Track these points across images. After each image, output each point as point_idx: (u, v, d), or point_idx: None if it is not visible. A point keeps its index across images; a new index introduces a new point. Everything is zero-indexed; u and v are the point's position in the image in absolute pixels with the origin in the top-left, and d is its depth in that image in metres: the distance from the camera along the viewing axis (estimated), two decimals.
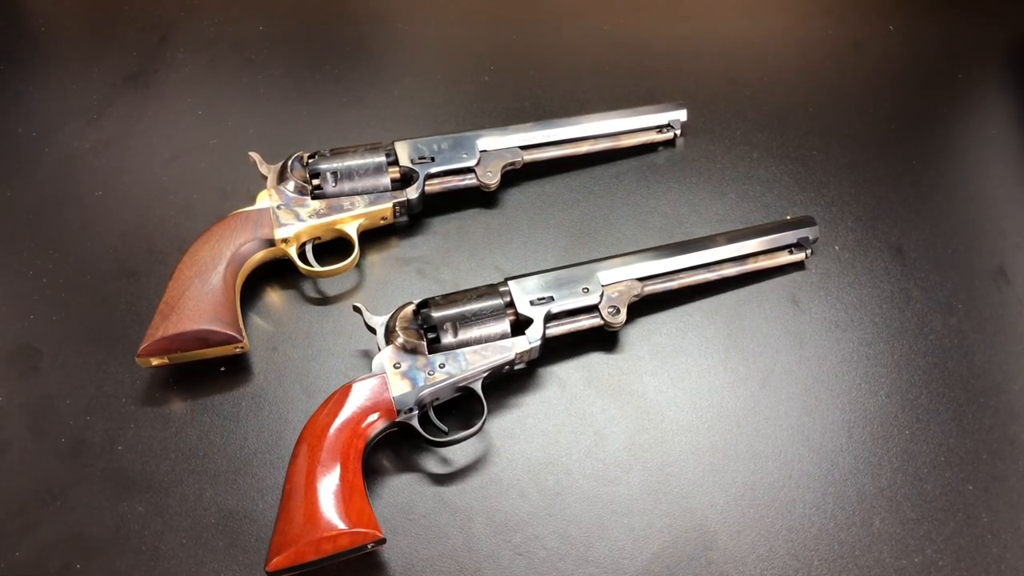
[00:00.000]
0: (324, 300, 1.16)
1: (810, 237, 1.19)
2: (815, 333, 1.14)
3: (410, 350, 0.99)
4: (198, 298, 1.03)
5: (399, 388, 0.97)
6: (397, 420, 0.98)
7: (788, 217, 1.24)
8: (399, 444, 1.03)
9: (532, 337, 1.03)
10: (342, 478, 0.91)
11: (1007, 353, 1.14)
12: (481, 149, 1.23)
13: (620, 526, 0.98)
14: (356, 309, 1.04)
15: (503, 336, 1.02)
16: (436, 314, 1.01)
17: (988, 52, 1.51)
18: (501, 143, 1.24)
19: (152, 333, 1.01)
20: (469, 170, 1.22)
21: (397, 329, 1.00)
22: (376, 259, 1.21)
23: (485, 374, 1.01)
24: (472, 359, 1.00)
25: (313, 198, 1.14)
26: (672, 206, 1.27)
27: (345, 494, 0.90)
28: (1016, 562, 0.98)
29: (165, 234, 1.22)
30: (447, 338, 1.00)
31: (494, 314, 1.02)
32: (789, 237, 1.18)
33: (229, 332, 1.03)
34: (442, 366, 0.99)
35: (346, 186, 1.15)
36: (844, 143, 1.36)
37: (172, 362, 1.05)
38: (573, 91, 1.42)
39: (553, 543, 0.97)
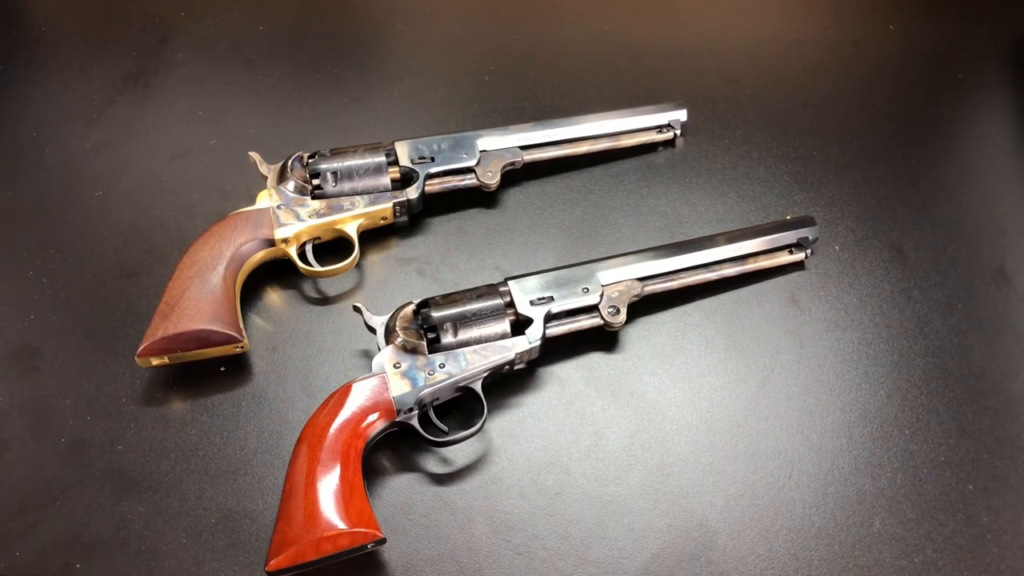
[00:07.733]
0: (324, 300, 1.16)
1: (810, 237, 1.19)
2: (815, 333, 1.14)
3: (410, 350, 0.99)
4: (198, 298, 1.03)
5: (399, 388, 0.97)
6: (397, 420, 0.98)
7: (788, 217, 1.24)
8: (399, 444, 1.03)
9: (532, 337, 1.03)
10: (342, 478, 0.91)
11: (1007, 353, 1.14)
12: (481, 149, 1.23)
13: (620, 526, 0.98)
14: (356, 309, 1.04)
15: (503, 336, 1.02)
16: (436, 314, 1.01)
17: (988, 52, 1.51)
18: (501, 143, 1.24)
19: (152, 333, 1.01)
20: (469, 170, 1.22)
21: (397, 329, 1.00)
22: (376, 259, 1.21)
23: (485, 374, 1.01)
24: (472, 359, 1.00)
25: (313, 198, 1.14)
26: (672, 206, 1.27)
27: (345, 494, 0.90)
28: (1016, 562, 0.98)
29: (165, 234, 1.22)
30: (447, 338, 1.00)
31: (494, 314, 1.02)
32: (789, 237, 1.18)
33: (229, 332, 1.03)
34: (442, 366, 0.99)
35: (346, 186, 1.15)
36: (844, 143, 1.36)
37: (172, 362, 1.05)
38: (573, 91, 1.42)
39: (553, 543, 0.97)
